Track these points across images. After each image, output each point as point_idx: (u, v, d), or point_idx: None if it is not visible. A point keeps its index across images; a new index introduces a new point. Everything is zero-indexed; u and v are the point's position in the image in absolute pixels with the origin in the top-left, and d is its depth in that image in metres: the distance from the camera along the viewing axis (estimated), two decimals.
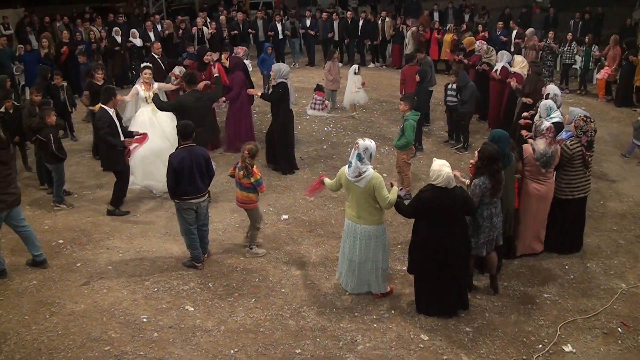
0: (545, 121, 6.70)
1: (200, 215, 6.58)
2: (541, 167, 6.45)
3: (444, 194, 5.38)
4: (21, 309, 5.95)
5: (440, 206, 5.42)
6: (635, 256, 7.01)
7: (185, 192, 6.30)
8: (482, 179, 5.75)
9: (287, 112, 9.36)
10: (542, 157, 6.39)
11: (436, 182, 5.38)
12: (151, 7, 23.74)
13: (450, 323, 5.74)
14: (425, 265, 5.64)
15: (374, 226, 5.75)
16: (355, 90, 12.33)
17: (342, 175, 5.77)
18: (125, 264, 6.82)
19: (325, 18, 18.23)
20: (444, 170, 5.35)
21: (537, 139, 6.50)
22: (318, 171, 9.56)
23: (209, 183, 6.66)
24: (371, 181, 5.54)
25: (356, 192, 5.64)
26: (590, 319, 5.83)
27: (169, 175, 6.25)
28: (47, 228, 7.73)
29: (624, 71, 13.35)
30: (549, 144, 6.38)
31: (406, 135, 7.92)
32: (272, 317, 5.83)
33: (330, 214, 8.12)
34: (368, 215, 5.69)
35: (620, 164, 9.93)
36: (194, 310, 5.92)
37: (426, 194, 5.45)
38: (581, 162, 6.62)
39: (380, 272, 5.97)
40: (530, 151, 6.50)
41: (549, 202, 6.72)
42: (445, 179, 5.34)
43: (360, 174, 5.54)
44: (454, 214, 5.53)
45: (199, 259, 6.66)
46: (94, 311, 5.91)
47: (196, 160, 6.34)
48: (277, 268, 6.72)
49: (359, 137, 5.74)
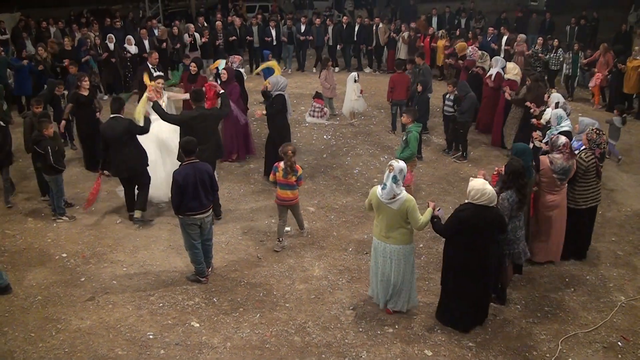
0: (561, 137, 6.84)
1: (204, 230, 6.63)
2: (558, 180, 6.63)
3: (484, 212, 5.46)
4: (27, 326, 5.98)
5: (478, 224, 5.50)
6: (634, 268, 7.10)
7: (190, 208, 6.35)
8: (509, 192, 5.91)
9: (284, 123, 9.37)
10: (561, 171, 6.58)
11: (478, 201, 5.44)
12: (147, 10, 23.72)
13: (453, 338, 5.81)
14: (458, 281, 5.73)
15: (403, 246, 5.81)
16: (354, 98, 12.38)
17: (373, 196, 5.79)
18: (129, 278, 6.86)
19: (318, 24, 18.16)
20: (488, 189, 5.44)
21: (554, 154, 6.66)
22: (319, 181, 9.64)
23: (213, 198, 6.72)
24: (405, 203, 5.59)
25: (388, 213, 5.67)
26: (590, 332, 5.92)
27: (174, 191, 6.29)
28: (50, 241, 7.75)
29: (614, 78, 13.54)
30: (566, 159, 6.59)
31: (410, 148, 8.00)
32: (277, 332, 5.88)
33: (332, 225, 8.17)
34: (399, 235, 5.75)
35: (618, 173, 10.02)
36: (200, 326, 5.96)
37: (465, 213, 5.50)
38: (594, 173, 6.89)
39: (411, 288, 6.06)
40: (547, 163, 6.66)
41: (565, 210, 6.92)
42: (490, 198, 5.43)
43: (395, 196, 5.58)
44: (492, 231, 5.62)
45: (203, 273, 6.70)
46: (100, 327, 5.95)
47: (200, 176, 6.38)
48: (280, 282, 6.77)
49: (392, 160, 5.76)
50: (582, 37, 17.73)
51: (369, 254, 7.29)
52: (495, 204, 5.54)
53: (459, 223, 5.54)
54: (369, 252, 7.31)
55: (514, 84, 10.67)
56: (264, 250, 7.46)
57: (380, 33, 17.80)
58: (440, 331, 5.91)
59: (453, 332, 5.89)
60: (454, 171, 10.07)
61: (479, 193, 5.43)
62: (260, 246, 7.58)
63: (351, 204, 8.79)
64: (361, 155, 10.85)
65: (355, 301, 6.39)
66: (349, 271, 6.99)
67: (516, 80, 10.78)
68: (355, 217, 8.38)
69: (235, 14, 22.84)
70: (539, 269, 7.02)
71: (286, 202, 7.38)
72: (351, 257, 7.33)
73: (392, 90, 11.58)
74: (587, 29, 18.36)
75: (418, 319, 6.06)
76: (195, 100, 8.01)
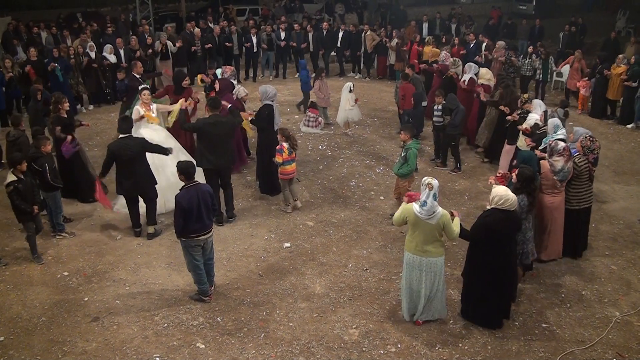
0: (560, 142, 7.45)
1: (206, 250, 6.70)
2: (558, 181, 7.22)
3: (508, 215, 5.98)
4: (32, 349, 6.01)
5: (502, 228, 6.00)
6: (628, 282, 7.27)
7: (193, 231, 6.41)
8: (521, 196, 6.43)
9: (270, 134, 9.44)
10: (561, 173, 7.16)
11: (502, 206, 5.92)
12: (138, 13, 23.59)
13: (454, 356, 5.94)
14: (483, 281, 6.20)
15: (439, 257, 6.14)
16: (349, 107, 12.46)
17: (410, 213, 6.03)
18: (132, 297, 6.90)
19: (297, 29, 18.10)
20: (511, 195, 5.97)
21: (554, 157, 7.22)
22: (316, 194, 9.72)
23: (213, 218, 6.78)
24: (442, 218, 5.93)
25: (425, 228, 5.98)
26: (587, 349, 6.07)
27: (177, 215, 6.33)
28: (51, 259, 7.77)
29: (598, 84, 13.94)
30: (565, 162, 7.17)
31: (409, 164, 8.13)
32: (282, 353, 5.96)
33: (331, 240, 8.27)
34: (433, 248, 6.07)
35: (610, 184, 10.22)
36: (205, 347, 6.03)
37: (491, 218, 5.99)
38: (587, 176, 7.53)
39: (442, 298, 6.37)
40: (547, 167, 7.24)
41: (563, 211, 7.49)
42: (512, 203, 5.93)
43: (434, 212, 5.89)
44: (514, 232, 6.24)
45: (206, 293, 6.77)
46: (106, 350, 6.00)
47: (203, 197, 6.45)
48: (283, 300, 6.85)
49: (428, 177, 6.03)
50: (571, 43, 17.98)
51: (368, 270, 7.46)
52: (516, 207, 6.04)
53: (486, 228, 6.02)
54: (368, 269, 7.48)
55: (488, 88, 11.22)
56: (265, 267, 7.54)
57: (368, 40, 17.90)
58: (442, 349, 6.03)
59: (453, 350, 6.02)
60: (449, 183, 10.20)
61: (502, 199, 5.92)
62: (261, 263, 7.66)
63: (349, 217, 8.89)
64: (357, 167, 10.95)
65: (357, 320, 6.49)
66: (350, 288, 7.08)
67: (489, 84, 11.32)
68: (353, 231, 8.48)
69: (226, 18, 22.83)
70: (536, 285, 7.18)
71: (291, 174, 8.86)
72: (351, 273, 7.42)
73: (403, 98, 11.75)
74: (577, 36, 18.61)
75: (420, 338, 6.17)
76: (212, 107, 8.44)
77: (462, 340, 6.17)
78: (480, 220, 6.09)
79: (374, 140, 12.47)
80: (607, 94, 13.76)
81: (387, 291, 7.03)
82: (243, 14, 26.26)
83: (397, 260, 7.69)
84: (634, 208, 9.27)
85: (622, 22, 24.13)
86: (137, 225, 8.30)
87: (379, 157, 11.44)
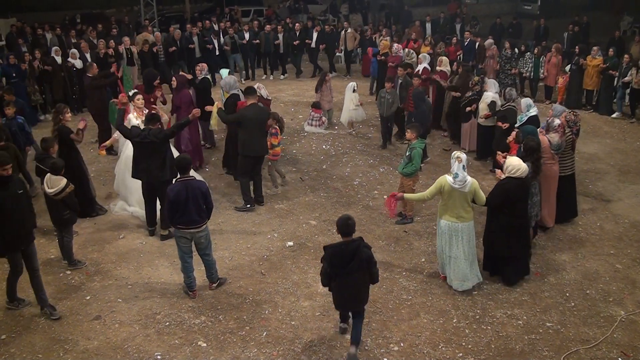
0: (556, 119, 8.29)
1: (199, 245, 6.74)
2: (555, 154, 8.06)
3: (521, 182, 6.81)
4: (34, 347, 6.00)
5: (517, 192, 6.81)
6: (633, 281, 7.21)
7: (179, 222, 6.53)
8: (527, 164, 7.03)
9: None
10: (557, 146, 7.99)
11: (516, 174, 6.74)
12: (142, 14, 23.66)
13: (457, 355, 5.89)
14: (501, 240, 6.96)
15: (471, 222, 6.89)
16: (352, 107, 12.44)
17: (444, 185, 6.72)
18: (135, 296, 6.89)
19: (268, 30, 18.02)
20: (522, 164, 6.80)
21: (550, 133, 8.07)
22: (320, 193, 9.70)
23: (207, 215, 6.74)
24: (472, 185, 6.69)
25: (459, 196, 6.69)
26: (592, 348, 6.01)
27: (165, 206, 6.65)
28: (53, 257, 7.77)
29: (574, 74, 14.51)
30: (560, 136, 8.04)
31: (414, 164, 8.12)
32: (284, 352, 5.94)
33: (334, 239, 8.18)
34: (466, 214, 6.80)
35: (615, 183, 10.15)
36: (207, 345, 6.00)
37: (508, 185, 6.79)
38: (571, 146, 8.52)
39: (473, 260, 7.00)
40: (547, 142, 7.99)
41: (557, 179, 8.22)
42: (523, 171, 6.77)
43: (465, 182, 6.60)
44: (526, 196, 7.03)
45: (191, 287, 6.84)
46: (107, 348, 5.98)
47: (192, 193, 6.47)
48: (285, 299, 6.83)
49: (456, 151, 6.80)
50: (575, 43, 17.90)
51: None
52: (525, 175, 6.80)
53: (504, 193, 6.79)
54: None
55: (444, 74, 12.54)
56: (267, 266, 7.51)
57: (349, 38, 18.04)
58: (445, 348, 5.99)
59: (457, 349, 5.98)
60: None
61: (515, 168, 6.75)
62: (264, 261, 7.64)
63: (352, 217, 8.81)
64: (360, 166, 10.92)
65: None
66: None
67: (445, 71, 12.64)
68: (357, 231, 8.39)
69: (230, 19, 22.88)
70: (540, 284, 7.13)
71: (278, 155, 9.67)
72: None
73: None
74: (580, 35, 18.54)
75: (423, 337, 6.14)
76: (247, 94, 9.00)
77: (465, 339, 6.12)
78: (498, 188, 6.87)
79: (377, 139, 12.41)
80: (584, 84, 14.42)
81: (390, 290, 7.00)
82: (248, 15, 26.29)
83: (400, 259, 7.66)
84: (639, 207, 9.21)
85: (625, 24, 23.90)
86: (151, 224, 8.32)
87: (382, 156, 11.40)
